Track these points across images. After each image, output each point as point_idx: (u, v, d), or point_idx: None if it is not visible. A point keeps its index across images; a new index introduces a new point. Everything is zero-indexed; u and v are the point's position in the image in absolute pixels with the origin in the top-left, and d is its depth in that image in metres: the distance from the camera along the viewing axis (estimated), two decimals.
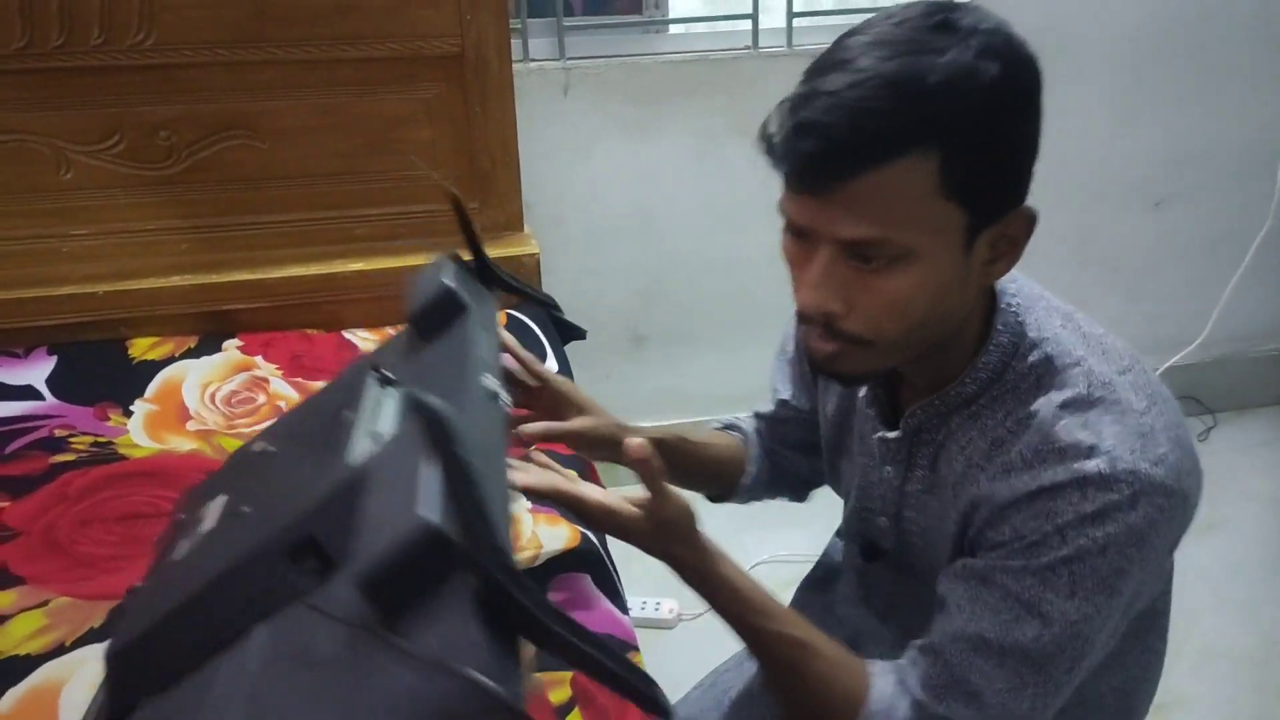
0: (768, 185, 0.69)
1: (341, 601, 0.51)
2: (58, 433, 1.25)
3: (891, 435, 0.82)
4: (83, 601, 0.93)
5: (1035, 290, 0.79)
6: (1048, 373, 0.74)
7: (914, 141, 0.62)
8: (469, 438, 0.54)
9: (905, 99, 0.61)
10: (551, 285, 1.78)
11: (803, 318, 0.72)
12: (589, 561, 1.00)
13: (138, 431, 1.27)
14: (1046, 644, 0.70)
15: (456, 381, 0.72)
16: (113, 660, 0.67)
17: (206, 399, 1.34)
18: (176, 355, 1.42)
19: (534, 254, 1.58)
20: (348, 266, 1.50)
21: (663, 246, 2.07)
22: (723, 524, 2.09)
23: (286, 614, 0.56)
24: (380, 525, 0.52)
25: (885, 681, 0.76)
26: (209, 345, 1.44)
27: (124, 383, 1.36)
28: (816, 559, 1.14)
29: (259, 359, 1.42)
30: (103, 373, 1.37)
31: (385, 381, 0.75)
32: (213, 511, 0.74)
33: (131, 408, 1.31)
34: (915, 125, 0.62)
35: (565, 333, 1.62)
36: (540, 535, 1.01)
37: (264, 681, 0.53)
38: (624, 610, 0.97)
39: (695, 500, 0.78)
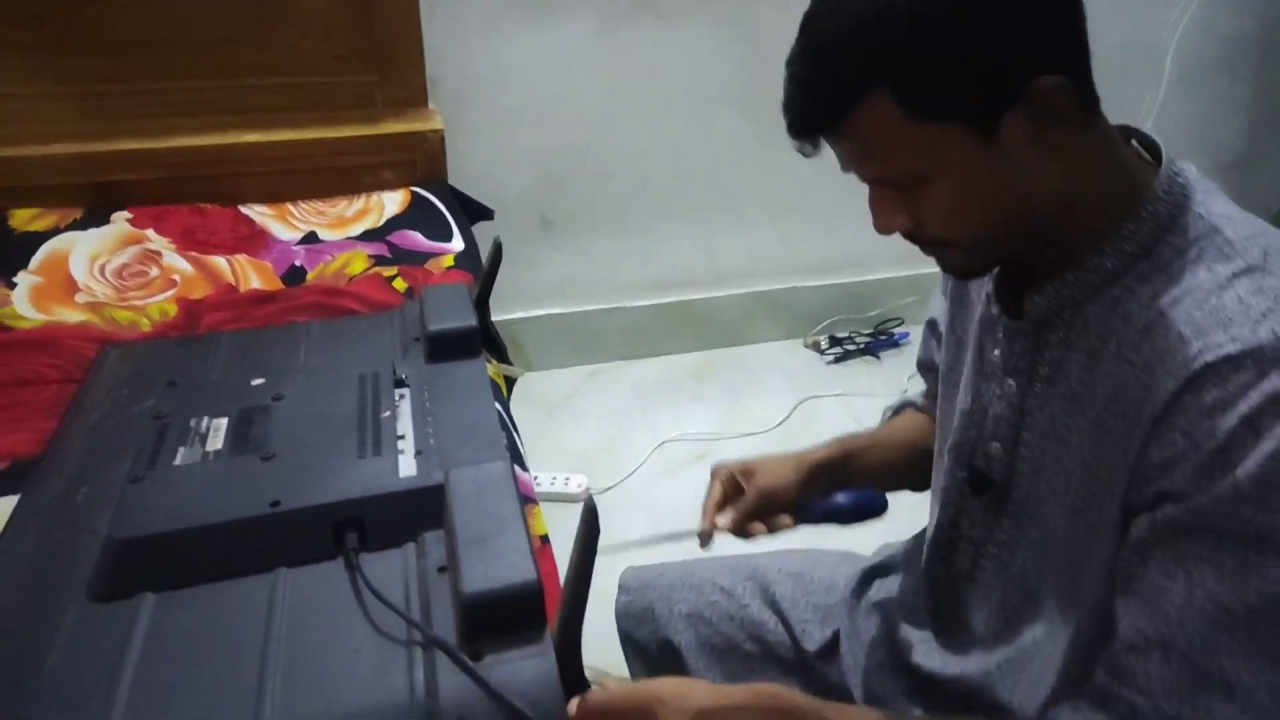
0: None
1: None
2: None
3: (1016, 324, 0.71)
4: None
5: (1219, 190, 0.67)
6: (1213, 246, 0.62)
7: (858, 92, 0.61)
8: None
9: (837, 58, 0.62)
10: (458, 167, 1.75)
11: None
12: None
13: (22, 303, 1.23)
14: None
15: (474, 409, 0.93)
16: (123, 546, 0.71)
17: (95, 271, 1.30)
18: (62, 227, 1.36)
19: (438, 130, 1.56)
20: (242, 138, 1.46)
21: (569, 130, 2.04)
22: (629, 402, 2.16)
23: (314, 569, 0.73)
24: (483, 559, 0.68)
25: (1074, 715, 0.62)
26: (96, 217, 1.39)
27: (5, 255, 1.30)
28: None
29: (150, 232, 1.38)
30: None
31: (399, 384, 0.94)
32: (216, 431, 0.85)
33: (15, 280, 1.27)
34: (853, 78, 0.61)
35: (473, 213, 1.61)
36: None
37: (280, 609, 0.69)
38: (524, 469, 1.00)
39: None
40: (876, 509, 0.91)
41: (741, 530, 0.87)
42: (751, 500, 0.87)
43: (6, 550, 0.79)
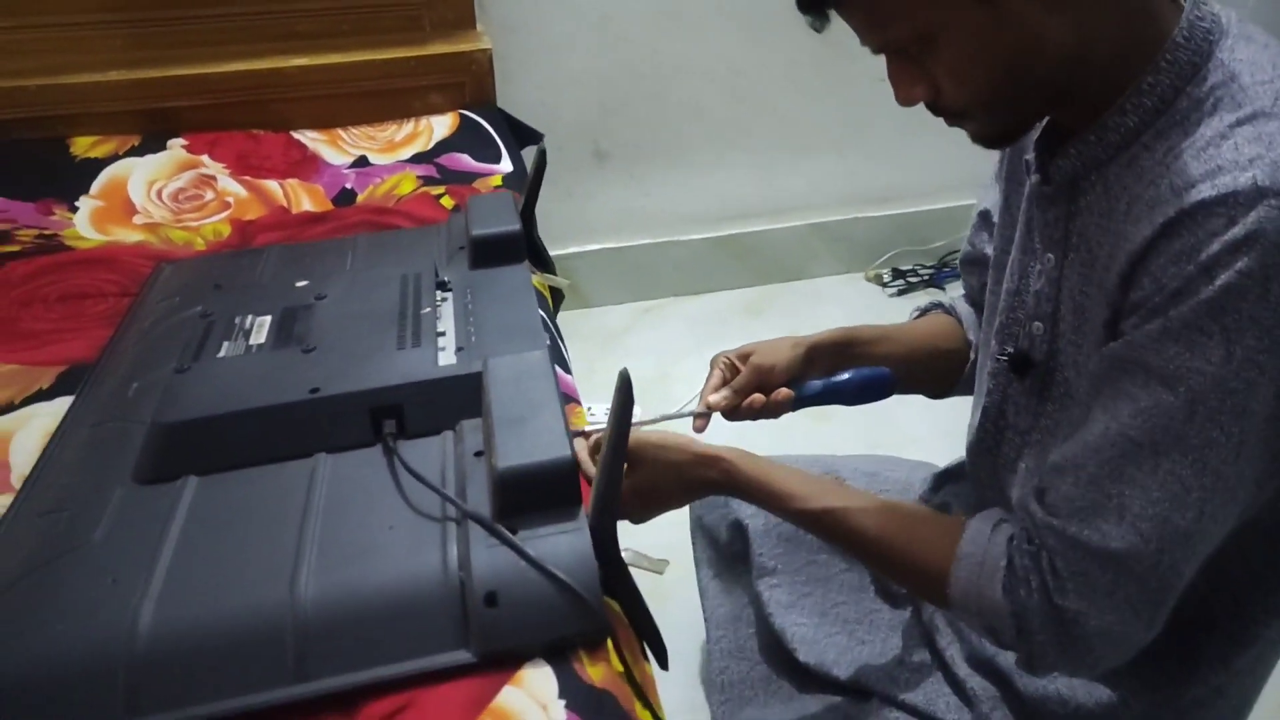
0: None
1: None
2: (1, 227, 1.23)
3: (1045, 189, 0.69)
4: (30, 368, 0.95)
5: (1262, 35, 0.62)
6: (1228, 94, 0.58)
7: None
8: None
9: None
10: (509, 94, 1.73)
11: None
12: None
13: (84, 225, 1.26)
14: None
15: (516, 310, 0.91)
16: (166, 430, 0.72)
17: (153, 195, 1.32)
18: (120, 153, 1.38)
19: (485, 50, 1.53)
20: (291, 62, 1.46)
21: (622, 56, 2.00)
22: (683, 338, 2.11)
23: (353, 455, 0.74)
24: (518, 438, 0.66)
25: (981, 521, 0.66)
26: (153, 144, 1.40)
27: (67, 180, 1.33)
28: None
29: (205, 158, 1.39)
30: (45, 170, 1.34)
31: (441, 286, 0.94)
32: (260, 328, 0.86)
33: (76, 203, 1.29)
34: None
35: (522, 136, 1.59)
36: None
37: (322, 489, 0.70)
38: (567, 372, 0.99)
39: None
40: (883, 387, 0.85)
41: (736, 410, 0.84)
42: (746, 377, 0.84)
43: (62, 441, 0.81)
